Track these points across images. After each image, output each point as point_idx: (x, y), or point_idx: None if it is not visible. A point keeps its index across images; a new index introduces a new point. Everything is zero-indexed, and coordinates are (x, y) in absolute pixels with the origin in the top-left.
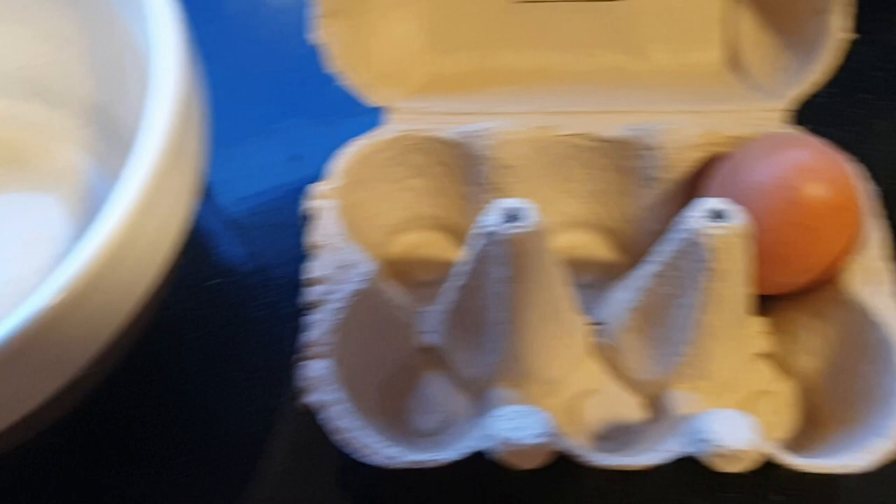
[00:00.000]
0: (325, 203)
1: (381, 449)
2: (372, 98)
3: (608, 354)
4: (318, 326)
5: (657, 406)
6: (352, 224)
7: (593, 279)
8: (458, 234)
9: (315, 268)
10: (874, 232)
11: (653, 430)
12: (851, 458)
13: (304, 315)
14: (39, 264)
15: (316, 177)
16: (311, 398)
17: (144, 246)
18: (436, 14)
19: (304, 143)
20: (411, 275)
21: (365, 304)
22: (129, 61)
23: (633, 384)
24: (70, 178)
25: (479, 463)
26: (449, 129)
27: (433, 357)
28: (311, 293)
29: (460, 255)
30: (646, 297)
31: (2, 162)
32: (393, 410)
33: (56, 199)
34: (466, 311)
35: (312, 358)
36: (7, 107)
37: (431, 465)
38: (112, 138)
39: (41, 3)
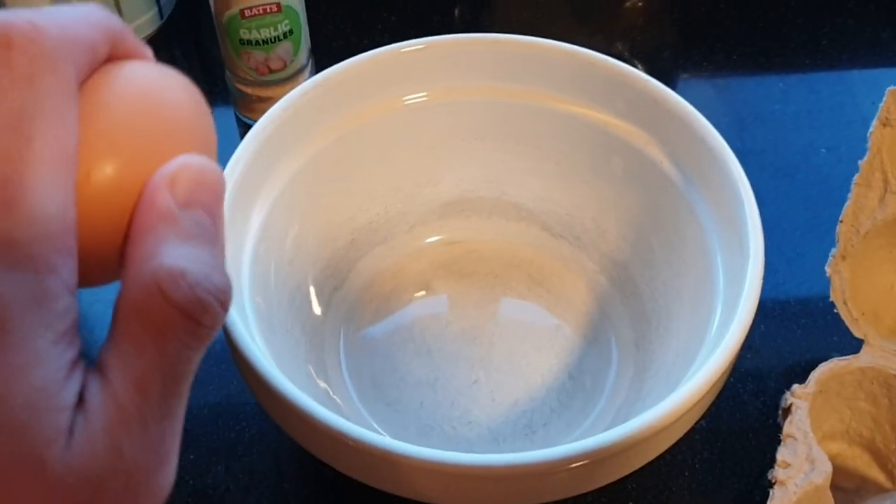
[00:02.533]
0: (799, 402)
1: None
2: (855, 331)
3: None
4: (778, 500)
5: None
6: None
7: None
8: (878, 458)
9: (785, 453)
10: None
11: None
12: None
13: (770, 486)
14: (548, 364)
15: None
16: None
17: None
18: None
19: None
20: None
21: (815, 496)
22: (673, 238)
23: None
24: (576, 308)
25: None
26: None
27: None
28: (778, 472)
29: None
30: None
31: (530, 279)
32: None
33: (562, 317)
34: None
35: None
36: (542, 237)
37: None
38: (624, 291)
39: (616, 179)
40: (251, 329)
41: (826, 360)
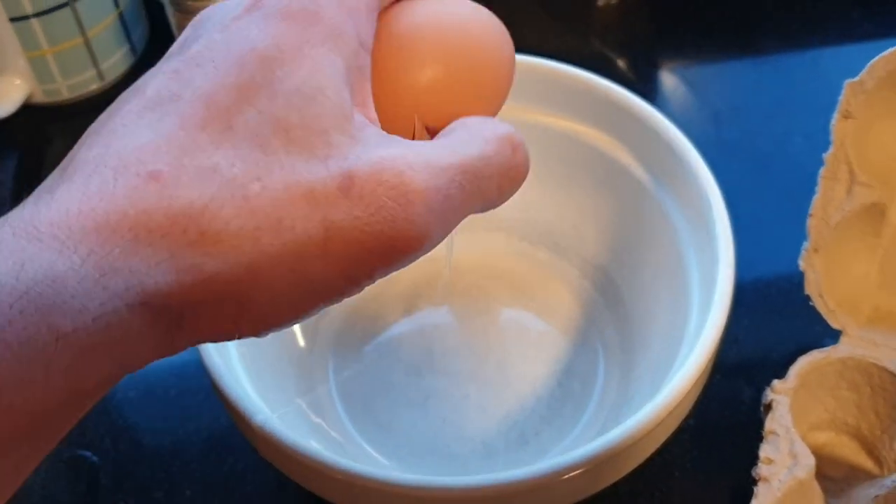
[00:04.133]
0: (780, 398)
1: None
2: (832, 322)
3: None
4: (762, 497)
5: None
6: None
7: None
8: (865, 445)
9: (767, 450)
10: None
11: None
12: None
13: (754, 484)
14: (536, 373)
15: None
16: None
17: None
18: (890, 260)
19: None
20: (819, 469)
21: (799, 491)
22: (648, 240)
23: None
24: (560, 314)
25: None
26: (888, 360)
27: None
28: (762, 469)
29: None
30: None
31: (514, 289)
32: None
33: (547, 325)
34: None
35: None
36: (522, 247)
37: None
38: (606, 295)
39: (590, 185)
40: (236, 371)
41: (811, 349)
